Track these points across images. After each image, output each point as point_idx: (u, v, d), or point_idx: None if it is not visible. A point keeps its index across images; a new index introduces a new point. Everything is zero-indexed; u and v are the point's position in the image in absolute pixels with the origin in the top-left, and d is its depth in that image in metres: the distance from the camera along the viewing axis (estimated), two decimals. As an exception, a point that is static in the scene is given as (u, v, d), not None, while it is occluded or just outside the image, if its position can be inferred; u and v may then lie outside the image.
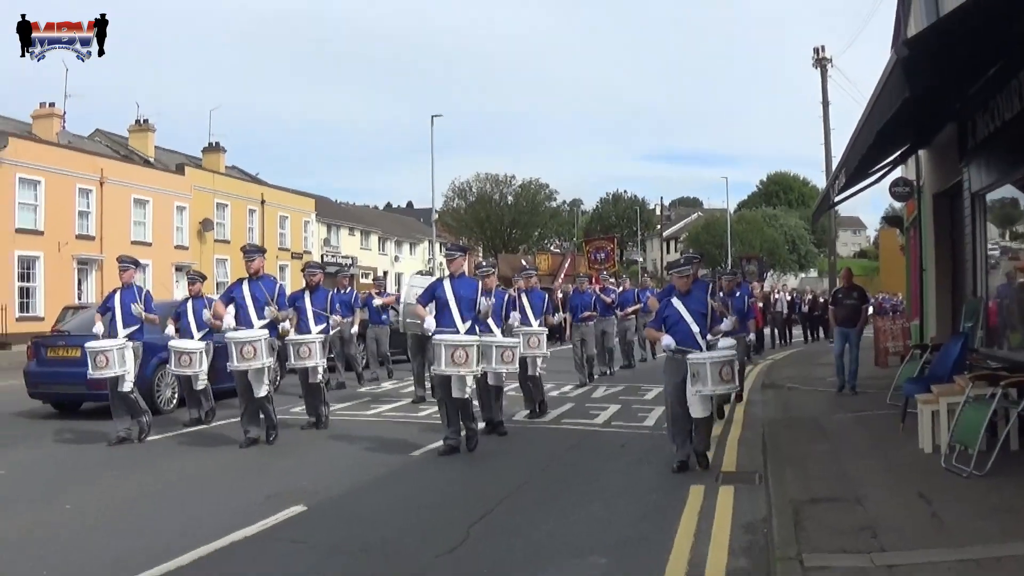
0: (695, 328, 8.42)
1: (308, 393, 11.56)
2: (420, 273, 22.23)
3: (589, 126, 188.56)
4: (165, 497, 7.81)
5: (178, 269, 36.85)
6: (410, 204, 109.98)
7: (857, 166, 10.36)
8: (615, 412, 12.64)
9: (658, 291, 22.01)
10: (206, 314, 11.60)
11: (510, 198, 73.99)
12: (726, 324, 8.81)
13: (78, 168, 33.25)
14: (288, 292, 11.74)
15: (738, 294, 13.51)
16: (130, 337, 10.62)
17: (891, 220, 20.20)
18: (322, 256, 49.73)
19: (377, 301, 17.39)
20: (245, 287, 10.47)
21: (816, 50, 30.67)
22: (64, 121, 35.84)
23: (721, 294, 12.20)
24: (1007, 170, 10.10)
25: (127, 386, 10.48)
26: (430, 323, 9.53)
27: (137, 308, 10.68)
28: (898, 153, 13.76)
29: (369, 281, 30.86)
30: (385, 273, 57.03)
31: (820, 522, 6.14)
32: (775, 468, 8.10)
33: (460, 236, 66.59)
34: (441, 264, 11.76)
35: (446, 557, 5.86)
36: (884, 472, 7.82)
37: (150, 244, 36.54)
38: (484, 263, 11.46)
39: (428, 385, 12.29)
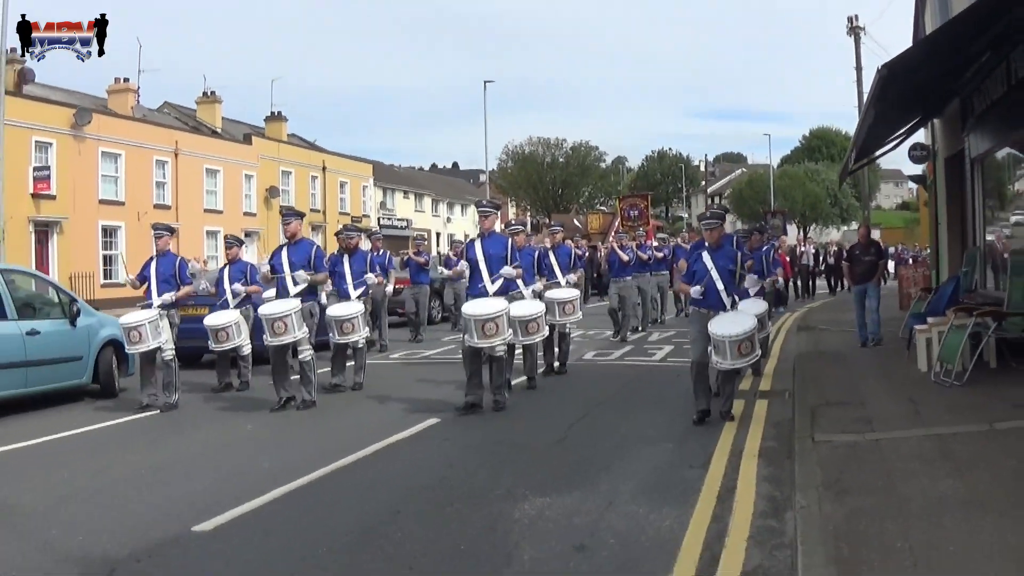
0: (720, 285, 8.65)
1: (340, 354, 11.72)
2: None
3: (635, 86, 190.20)
4: (320, 418, 9.95)
5: (247, 235, 39.15)
6: (456, 165, 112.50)
7: (873, 140, 12.33)
8: (669, 351, 14.83)
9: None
10: (237, 287, 12.16)
11: (561, 160, 75.87)
12: (750, 281, 9.27)
13: (154, 140, 35.50)
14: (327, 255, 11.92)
15: (764, 248, 13.02)
16: (162, 305, 10.70)
17: (917, 178, 22.04)
18: (379, 219, 52.07)
19: (420, 259, 18.29)
20: (284, 253, 10.51)
21: (850, 19, 32.18)
22: (138, 95, 38.23)
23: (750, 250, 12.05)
24: (997, 140, 12.10)
25: (168, 355, 10.64)
26: (463, 266, 10.15)
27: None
28: (913, 122, 15.61)
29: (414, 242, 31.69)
30: (438, 235, 59.43)
31: (830, 417, 8.31)
32: (800, 385, 10.28)
33: (511, 197, 68.57)
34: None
35: (556, 446, 8.13)
36: (886, 386, 10.00)
37: (221, 212, 39.12)
38: (513, 221, 12.77)
39: None
